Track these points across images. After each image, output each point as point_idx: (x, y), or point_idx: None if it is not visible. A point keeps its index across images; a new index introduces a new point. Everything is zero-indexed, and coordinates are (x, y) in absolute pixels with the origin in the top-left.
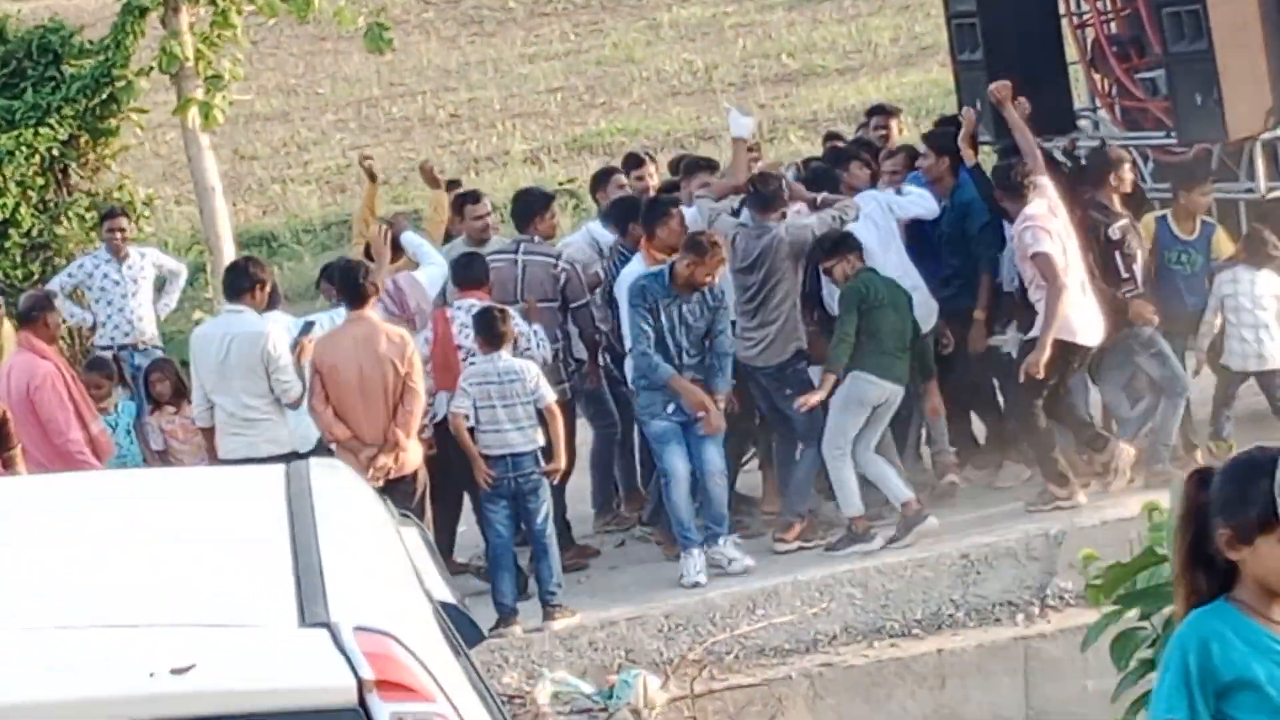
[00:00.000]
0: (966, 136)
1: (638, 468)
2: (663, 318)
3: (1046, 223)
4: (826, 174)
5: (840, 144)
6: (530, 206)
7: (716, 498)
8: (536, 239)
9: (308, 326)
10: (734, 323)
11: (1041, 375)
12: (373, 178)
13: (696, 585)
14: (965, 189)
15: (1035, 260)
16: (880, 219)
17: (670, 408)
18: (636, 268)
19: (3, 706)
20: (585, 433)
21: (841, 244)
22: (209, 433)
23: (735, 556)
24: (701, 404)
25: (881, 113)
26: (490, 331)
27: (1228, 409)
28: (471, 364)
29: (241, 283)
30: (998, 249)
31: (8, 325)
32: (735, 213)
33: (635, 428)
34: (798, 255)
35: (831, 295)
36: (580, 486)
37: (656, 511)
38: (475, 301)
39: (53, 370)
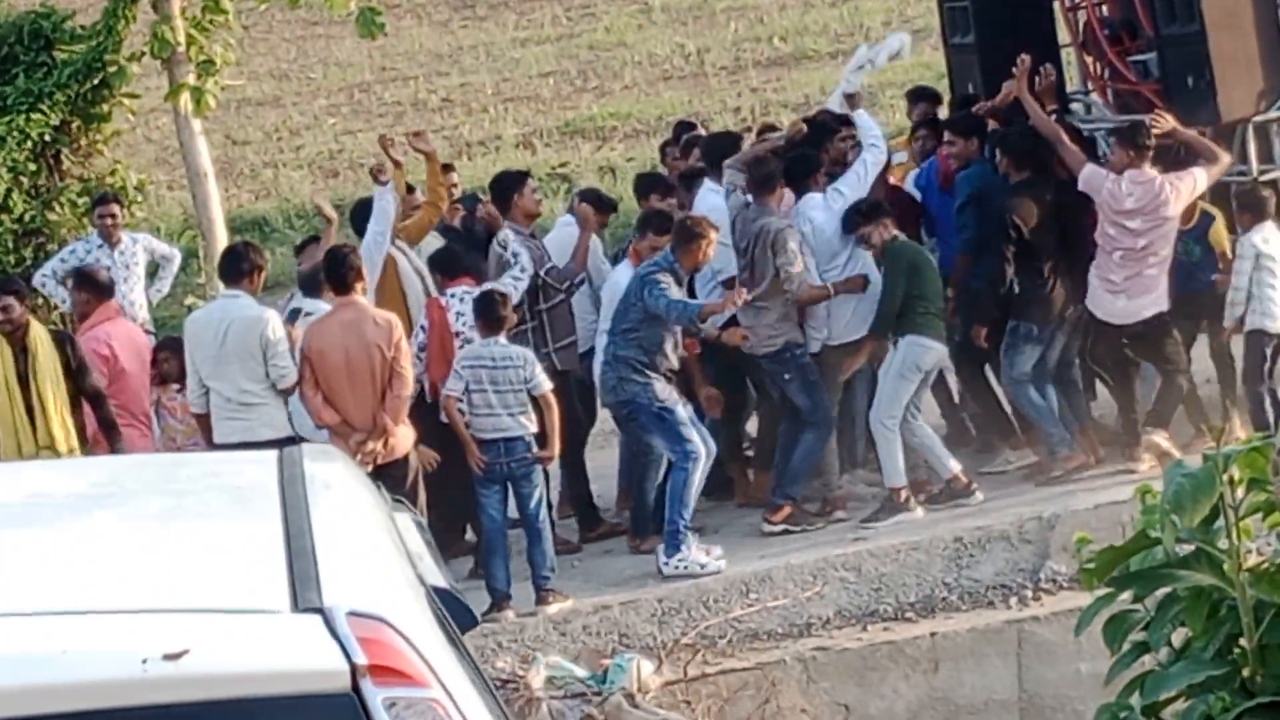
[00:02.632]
0: (1023, 88)
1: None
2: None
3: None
4: (806, 157)
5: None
6: (506, 188)
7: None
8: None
9: (293, 315)
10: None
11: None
12: (428, 156)
13: (706, 569)
14: (974, 179)
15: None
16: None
17: (675, 393)
18: (625, 272)
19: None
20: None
21: (875, 210)
22: (203, 419)
23: (706, 561)
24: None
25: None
26: (490, 315)
27: (1259, 385)
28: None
29: (241, 266)
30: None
31: (36, 324)
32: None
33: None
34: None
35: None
36: (601, 465)
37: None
38: (467, 289)
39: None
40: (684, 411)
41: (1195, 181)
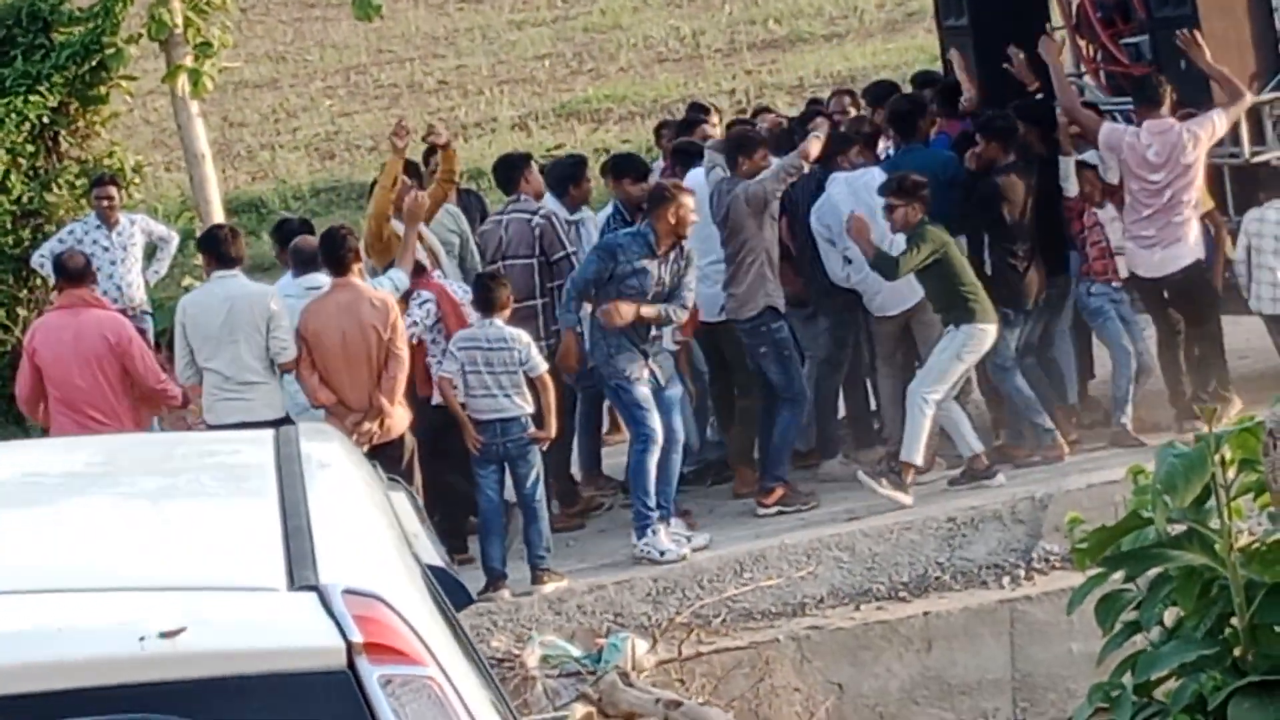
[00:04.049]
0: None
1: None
2: (635, 278)
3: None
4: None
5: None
6: (511, 170)
7: (673, 471)
8: (524, 198)
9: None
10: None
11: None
12: (445, 146)
13: (666, 557)
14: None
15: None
16: (862, 197)
17: (646, 373)
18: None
19: None
20: None
21: (913, 189)
22: (195, 391)
23: (669, 549)
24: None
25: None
26: (486, 297)
27: None
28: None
29: (239, 250)
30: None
31: None
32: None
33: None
34: (759, 211)
35: (828, 256)
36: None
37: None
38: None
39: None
40: (646, 390)
41: (1214, 125)
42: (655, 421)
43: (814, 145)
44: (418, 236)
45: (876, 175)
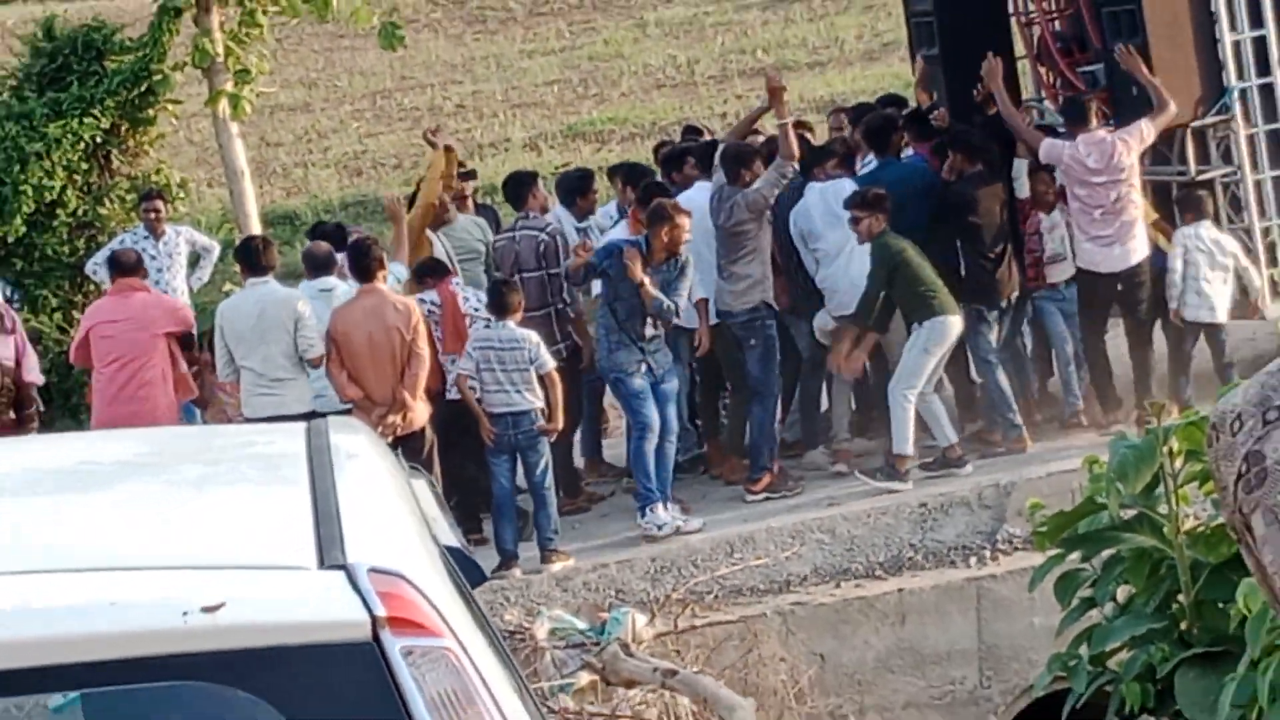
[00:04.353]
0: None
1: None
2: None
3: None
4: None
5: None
6: (520, 187)
7: (668, 457)
8: (533, 215)
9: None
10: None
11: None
12: (444, 148)
13: (664, 530)
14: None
15: (1126, 174)
16: (830, 204)
17: (643, 367)
18: (622, 232)
19: (54, 639)
20: None
21: (875, 202)
22: (234, 385)
23: (666, 521)
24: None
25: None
26: (500, 301)
27: (1185, 370)
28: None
29: (270, 259)
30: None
31: None
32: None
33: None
34: (759, 215)
35: (808, 259)
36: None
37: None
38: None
39: None
40: (643, 382)
41: (1142, 132)
42: (652, 410)
43: (787, 144)
44: (436, 240)
45: (846, 186)
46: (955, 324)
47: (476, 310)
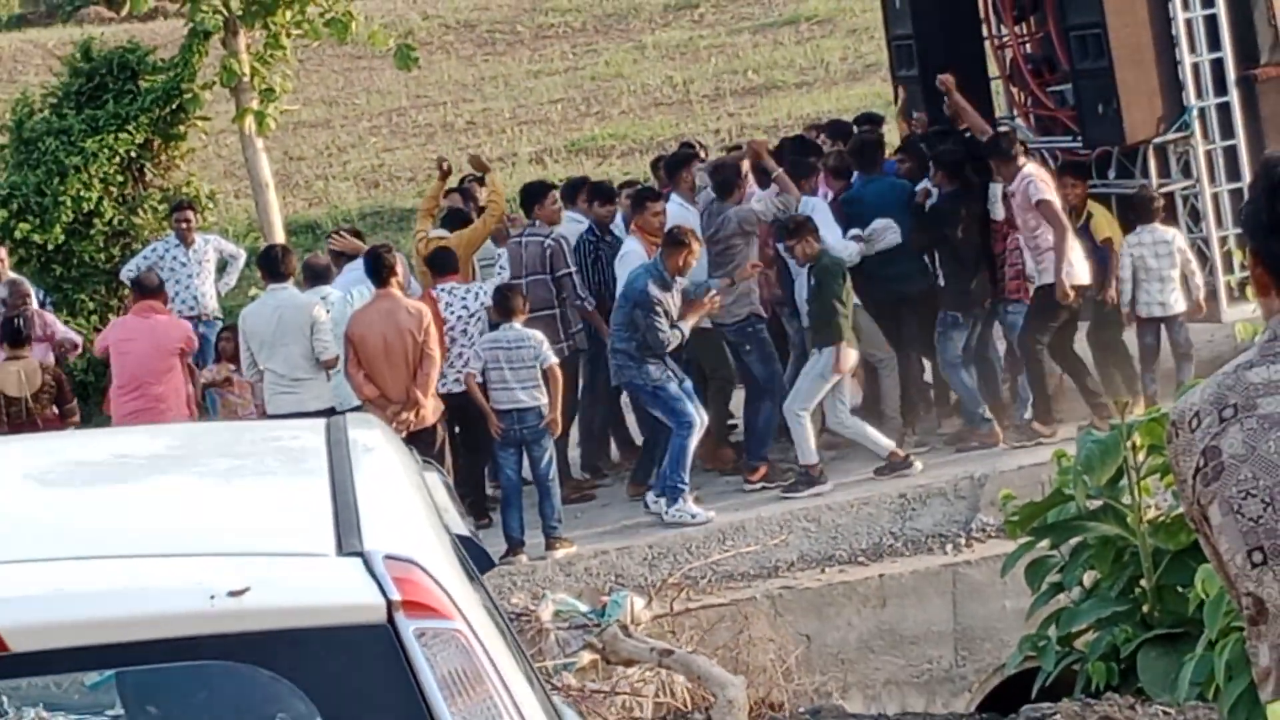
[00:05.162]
0: (954, 97)
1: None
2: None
3: (1044, 176)
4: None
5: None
6: (533, 196)
7: (689, 452)
8: (538, 223)
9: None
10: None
11: (1056, 318)
12: (445, 175)
13: (696, 519)
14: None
15: (1040, 207)
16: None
17: (669, 374)
18: (633, 243)
19: (89, 621)
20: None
21: (800, 227)
22: (257, 387)
23: (698, 512)
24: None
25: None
26: (504, 304)
27: (1151, 366)
28: (489, 332)
29: (289, 266)
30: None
31: None
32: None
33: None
34: (748, 231)
35: (796, 275)
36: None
37: (645, 468)
38: (455, 284)
39: None
40: (676, 386)
41: (1033, 168)
42: (693, 409)
43: (787, 188)
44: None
45: (812, 203)
46: (854, 356)
47: (469, 315)
